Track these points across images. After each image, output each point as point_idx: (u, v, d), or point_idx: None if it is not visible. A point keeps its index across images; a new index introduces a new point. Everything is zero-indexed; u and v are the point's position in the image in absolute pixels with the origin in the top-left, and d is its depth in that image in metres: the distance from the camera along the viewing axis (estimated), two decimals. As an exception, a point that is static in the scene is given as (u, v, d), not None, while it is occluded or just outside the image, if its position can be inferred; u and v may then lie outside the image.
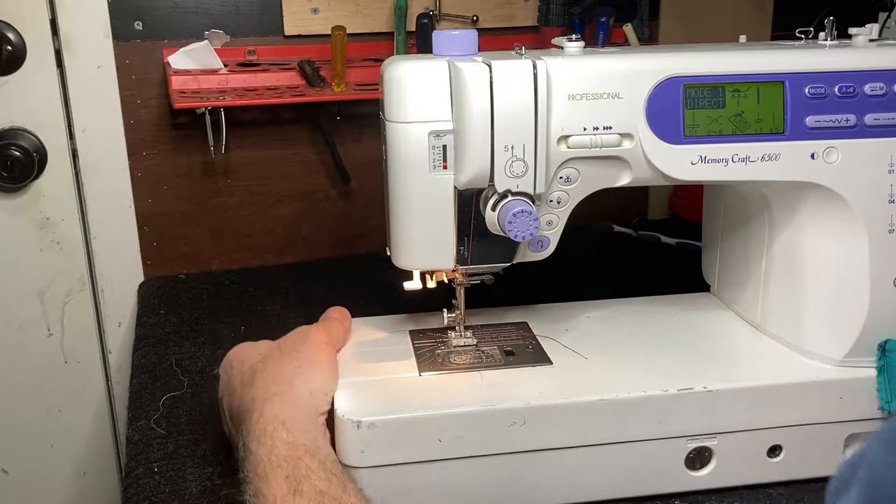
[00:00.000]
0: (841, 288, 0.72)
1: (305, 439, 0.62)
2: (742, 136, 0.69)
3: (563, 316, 0.82)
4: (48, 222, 1.12)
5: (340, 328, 0.77)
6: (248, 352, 0.73)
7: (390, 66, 0.68)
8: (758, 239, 0.78)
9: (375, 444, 0.65)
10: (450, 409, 0.66)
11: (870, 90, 0.69)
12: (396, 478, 0.67)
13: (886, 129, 0.70)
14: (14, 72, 1.06)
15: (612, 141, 0.68)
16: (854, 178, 0.70)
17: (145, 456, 0.78)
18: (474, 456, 0.67)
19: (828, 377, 0.72)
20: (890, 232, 0.70)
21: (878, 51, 0.71)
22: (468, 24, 1.19)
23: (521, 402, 0.67)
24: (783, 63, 0.69)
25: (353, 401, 0.68)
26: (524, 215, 0.65)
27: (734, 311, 0.83)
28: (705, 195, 0.88)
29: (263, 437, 0.62)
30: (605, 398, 0.68)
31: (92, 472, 1.23)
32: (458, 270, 0.73)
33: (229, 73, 1.11)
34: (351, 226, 1.26)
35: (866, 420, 0.72)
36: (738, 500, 0.71)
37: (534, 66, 0.65)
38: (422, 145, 0.67)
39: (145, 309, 1.10)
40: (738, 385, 0.70)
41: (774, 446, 0.71)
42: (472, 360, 0.74)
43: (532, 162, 0.66)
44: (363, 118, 1.20)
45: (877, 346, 0.72)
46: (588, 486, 0.70)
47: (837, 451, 0.73)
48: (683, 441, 0.70)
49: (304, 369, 0.68)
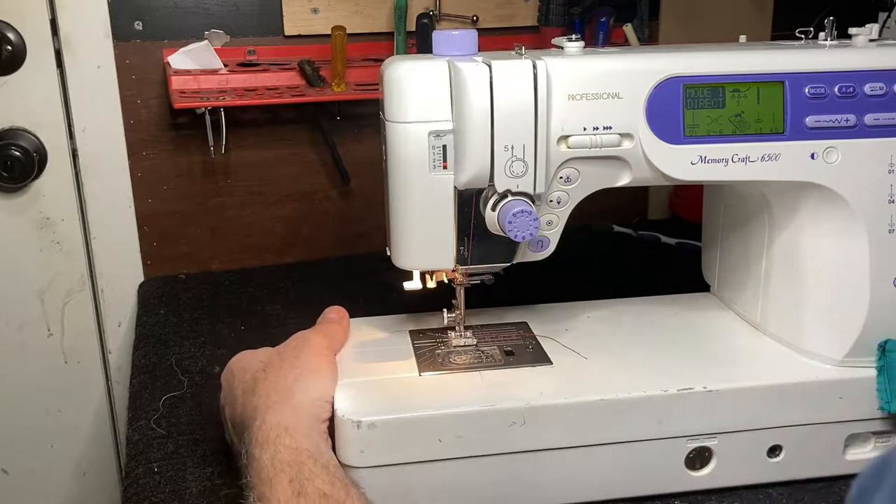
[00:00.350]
0: (841, 288, 0.72)
1: (308, 444, 0.62)
2: (742, 136, 0.69)
3: (563, 316, 0.82)
4: (48, 222, 1.12)
5: (339, 330, 0.77)
6: (249, 360, 0.74)
7: (390, 66, 0.68)
8: (758, 239, 0.78)
9: (375, 444, 0.65)
10: (450, 409, 0.66)
11: (870, 90, 0.69)
12: (396, 478, 0.67)
13: (886, 129, 0.70)
14: (14, 72, 1.06)
15: (612, 141, 0.68)
16: (854, 178, 0.70)
17: (145, 456, 0.78)
18: (474, 456, 0.67)
19: (828, 377, 0.71)
20: (890, 232, 0.70)
21: (878, 51, 0.71)
22: (468, 24, 1.19)
23: (521, 402, 0.67)
24: (783, 63, 0.69)
25: (353, 401, 0.68)
26: (524, 215, 0.65)
27: (734, 311, 0.83)
28: (705, 195, 0.88)
29: (266, 443, 0.62)
30: (605, 398, 0.68)
31: (92, 472, 1.23)
32: (458, 270, 0.73)
33: (229, 73, 1.11)
34: (351, 226, 1.26)
35: (866, 420, 0.72)
36: (738, 500, 0.71)
37: (534, 66, 0.65)
38: (422, 145, 0.67)
39: (145, 309, 1.10)
40: (738, 385, 0.70)
41: (774, 446, 0.71)
42: (472, 360, 0.74)
43: (532, 162, 0.66)
44: (363, 118, 1.20)
45: (877, 346, 0.72)
46: (588, 486, 0.70)
47: (837, 452, 0.72)
48: (683, 441, 0.70)
49: (305, 377, 0.68)
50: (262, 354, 0.73)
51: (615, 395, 0.68)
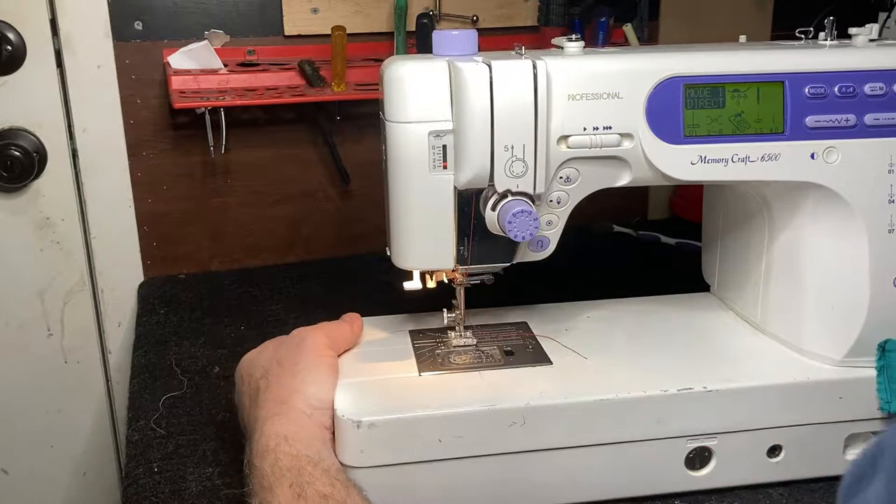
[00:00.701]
0: (841, 288, 0.72)
1: (308, 451, 0.62)
2: (742, 136, 0.69)
3: (562, 316, 0.82)
4: (48, 222, 1.12)
5: (344, 328, 0.76)
6: (253, 365, 0.73)
7: (391, 66, 0.68)
8: (758, 239, 0.78)
9: (375, 444, 0.65)
10: (450, 409, 0.66)
11: (870, 90, 0.69)
12: (396, 478, 0.67)
13: (886, 129, 0.70)
14: (14, 72, 1.06)
15: (612, 141, 0.68)
16: (854, 177, 0.70)
17: (145, 456, 0.78)
18: (474, 456, 0.67)
19: (828, 377, 0.71)
20: (890, 232, 0.70)
21: (879, 51, 0.71)
22: (468, 24, 1.19)
23: (521, 402, 0.67)
24: (783, 63, 0.69)
25: (353, 401, 0.67)
26: (524, 215, 0.65)
27: (734, 310, 0.83)
28: (705, 195, 0.88)
29: (266, 452, 0.62)
30: (606, 398, 0.68)
31: (92, 472, 1.23)
32: (458, 270, 0.73)
33: (229, 73, 1.11)
34: (351, 226, 1.26)
35: (866, 420, 0.72)
36: (737, 500, 0.71)
37: (534, 66, 0.65)
38: (422, 145, 0.67)
39: (145, 309, 1.10)
40: (738, 385, 0.70)
41: (774, 446, 0.71)
42: (472, 360, 0.74)
43: (532, 162, 0.66)
44: (363, 118, 1.20)
45: (876, 346, 0.71)
46: (588, 486, 0.70)
47: (837, 452, 0.72)
48: (683, 441, 0.70)
49: (303, 387, 0.68)
50: (264, 359, 0.73)
51: (615, 395, 0.68)
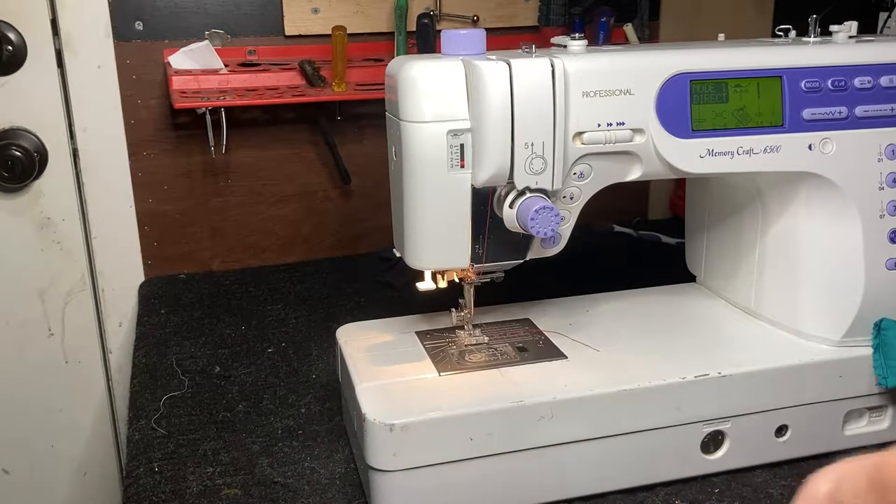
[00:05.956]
0: (837, 272, 0.74)
1: None
2: (745, 130, 0.71)
3: (562, 311, 0.82)
4: (49, 222, 1.12)
5: None
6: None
7: (404, 66, 0.67)
8: (751, 228, 0.80)
9: (408, 445, 0.65)
10: (480, 407, 0.66)
11: (859, 83, 0.72)
12: (428, 479, 0.66)
13: (875, 119, 0.73)
14: (14, 72, 1.06)
15: (625, 136, 0.69)
16: (847, 167, 0.73)
17: (146, 456, 0.78)
18: (504, 452, 0.67)
19: (829, 357, 0.74)
20: (881, 217, 0.73)
21: (866, 46, 0.74)
22: (468, 24, 1.19)
23: (548, 397, 0.67)
24: (781, 58, 0.71)
25: (379, 404, 0.67)
26: (546, 211, 0.65)
27: (724, 298, 0.85)
28: (688, 187, 0.89)
29: None
30: (629, 388, 0.69)
31: (92, 472, 1.23)
32: (471, 269, 0.73)
33: (230, 73, 1.11)
34: (351, 226, 1.26)
35: (863, 396, 0.75)
36: (748, 480, 0.73)
37: (551, 65, 0.66)
38: (439, 144, 0.67)
39: (146, 309, 1.10)
40: (750, 369, 0.72)
41: (781, 426, 0.74)
42: (488, 357, 0.74)
43: (551, 158, 0.67)
44: (363, 118, 1.20)
45: (872, 325, 0.74)
46: (611, 475, 0.71)
47: (837, 428, 0.75)
48: (700, 426, 0.71)
49: None
50: None
51: (637, 385, 0.69)
